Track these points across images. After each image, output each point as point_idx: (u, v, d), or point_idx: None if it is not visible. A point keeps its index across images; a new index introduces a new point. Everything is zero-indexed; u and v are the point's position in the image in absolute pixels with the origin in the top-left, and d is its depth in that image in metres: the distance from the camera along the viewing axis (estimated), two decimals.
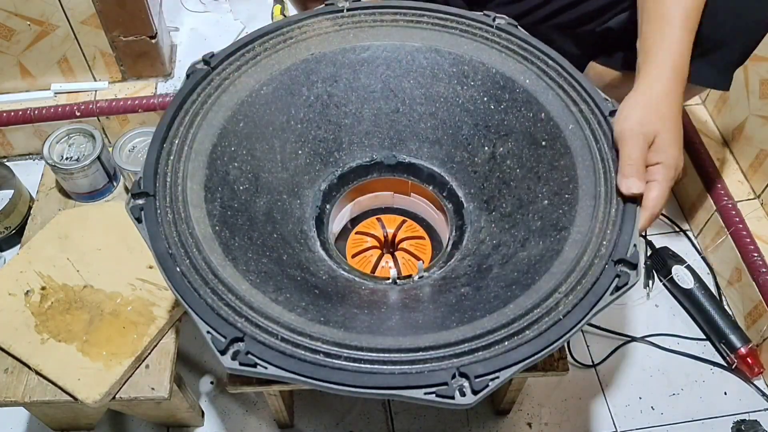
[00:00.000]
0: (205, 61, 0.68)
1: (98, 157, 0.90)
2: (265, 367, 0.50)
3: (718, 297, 1.02)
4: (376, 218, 0.82)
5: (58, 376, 0.72)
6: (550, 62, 0.69)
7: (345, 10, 0.74)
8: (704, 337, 1.00)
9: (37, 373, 0.73)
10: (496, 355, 0.51)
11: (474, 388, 0.49)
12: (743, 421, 0.91)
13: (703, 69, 0.74)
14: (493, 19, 0.73)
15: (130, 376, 0.74)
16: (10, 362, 0.75)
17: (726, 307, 1.01)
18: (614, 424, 0.92)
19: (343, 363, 0.50)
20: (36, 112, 1.13)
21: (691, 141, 1.10)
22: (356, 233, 0.81)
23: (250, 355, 0.50)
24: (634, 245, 0.56)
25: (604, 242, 0.57)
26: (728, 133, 1.08)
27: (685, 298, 1.01)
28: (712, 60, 0.74)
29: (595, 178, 0.61)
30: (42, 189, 0.94)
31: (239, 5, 1.32)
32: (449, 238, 0.74)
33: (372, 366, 0.50)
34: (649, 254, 1.07)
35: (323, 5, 0.75)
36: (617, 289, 0.54)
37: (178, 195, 0.59)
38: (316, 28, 0.73)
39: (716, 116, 1.09)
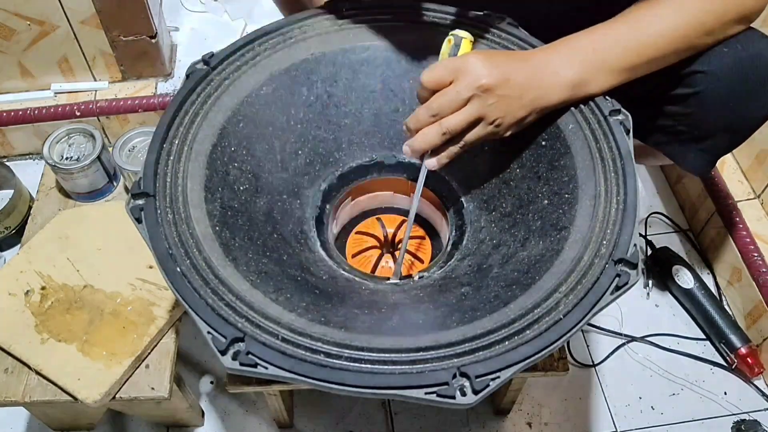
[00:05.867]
0: (205, 61, 0.68)
1: (98, 157, 0.90)
2: (266, 367, 0.50)
3: (718, 297, 1.02)
4: (376, 218, 0.83)
5: (58, 376, 0.72)
6: None
7: (345, 10, 0.74)
8: (704, 337, 1.00)
9: (37, 373, 0.73)
10: (497, 355, 0.51)
11: (475, 388, 0.49)
12: (743, 421, 0.91)
13: (689, 154, 0.74)
14: (493, 19, 0.73)
15: (130, 376, 0.74)
16: (10, 362, 0.75)
17: (726, 307, 1.01)
18: (614, 424, 0.92)
19: (344, 363, 0.50)
20: (36, 112, 1.13)
21: None
22: (356, 233, 0.81)
23: (250, 355, 0.50)
24: (634, 245, 0.56)
25: (604, 242, 0.57)
26: None
27: (685, 298, 1.01)
28: (701, 147, 0.73)
29: (595, 178, 0.61)
30: (42, 189, 0.94)
31: (234, 4, 1.32)
32: (449, 238, 0.74)
33: (373, 366, 0.50)
34: (649, 254, 1.07)
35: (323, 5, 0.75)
36: (617, 288, 0.54)
37: (178, 195, 0.59)
38: (316, 28, 0.73)
39: None
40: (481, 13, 0.74)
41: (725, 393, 0.95)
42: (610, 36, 0.64)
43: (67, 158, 0.91)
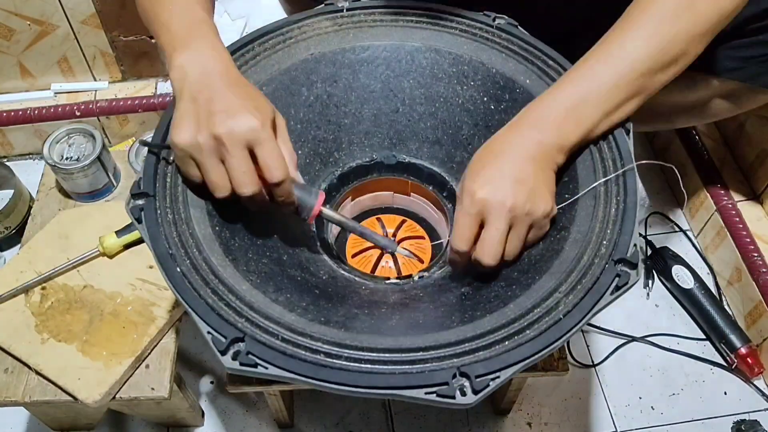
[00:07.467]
0: None
1: (98, 157, 0.90)
2: (266, 368, 0.50)
3: (718, 297, 1.02)
4: (376, 218, 0.82)
5: (58, 376, 0.72)
6: (550, 62, 0.69)
7: (345, 10, 0.74)
8: (704, 337, 1.00)
9: (37, 373, 0.73)
10: (497, 355, 0.51)
11: (475, 388, 0.49)
12: (743, 421, 0.91)
13: None
14: (493, 19, 0.73)
15: (130, 376, 0.74)
16: (10, 362, 0.75)
17: (726, 307, 1.01)
18: (614, 424, 0.92)
19: (344, 363, 0.50)
20: (36, 112, 1.13)
21: (692, 140, 1.10)
22: None
23: (250, 356, 0.50)
24: (634, 245, 0.56)
25: (604, 242, 0.57)
26: (728, 133, 1.08)
27: (685, 298, 1.01)
28: None
29: (595, 178, 0.61)
30: (42, 189, 0.94)
31: (234, 4, 1.32)
32: (449, 238, 0.74)
33: (372, 366, 0.50)
34: (649, 254, 1.07)
35: (323, 5, 0.75)
36: (617, 288, 0.54)
37: (178, 195, 0.59)
38: (316, 28, 0.73)
39: None
40: (481, 12, 0.74)
41: (725, 393, 0.95)
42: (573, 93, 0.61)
43: (67, 158, 0.91)
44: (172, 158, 0.60)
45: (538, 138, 0.59)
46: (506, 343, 0.52)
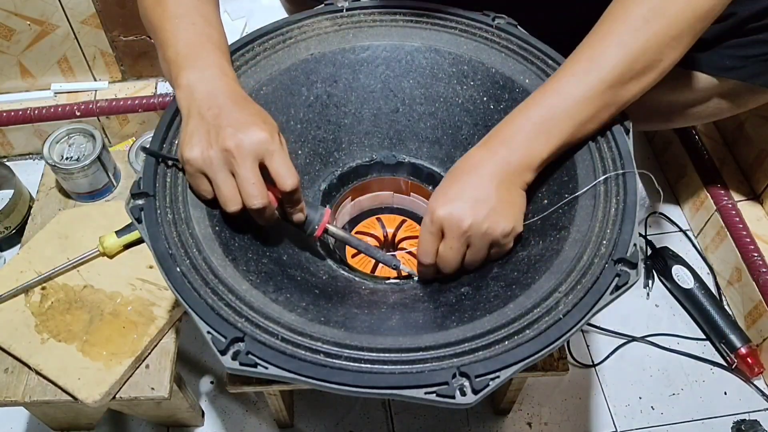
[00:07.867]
0: None
1: (98, 157, 0.90)
2: (266, 367, 0.50)
3: (718, 297, 1.02)
4: (376, 218, 0.83)
5: (58, 376, 0.72)
6: (550, 62, 0.69)
7: (344, 10, 0.74)
8: (704, 337, 1.00)
9: (37, 373, 0.73)
10: (497, 355, 0.51)
11: (474, 388, 0.49)
12: (743, 421, 0.91)
13: None
14: (493, 19, 0.73)
15: (130, 376, 0.74)
16: (10, 362, 0.75)
17: (726, 307, 1.01)
18: (614, 424, 0.92)
19: (344, 363, 0.50)
20: (36, 112, 1.13)
21: (692, 140, 1.10)
22: (356, 233, 0.81)
23: (250, 355, 0.50)
24: (634, 245, 0.56)
25: (604, 241, 0.57)
26: (728, 133, 1.08)
27: (685, 298, 1.01)
28: None
29: (595, 177, 0.61)
30: (42, 189, 0.94)
31: (234, 4, 1.32)
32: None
33: (372, 366, 0.50)
34: (649, 254, 1.07)
35: (323, 5, 0.75)
36: (617, 288, 0.54)
37: (178, 195, 0.59)
38: (316, 28, 0.73)
39: None
40: (481, 12, 0.74)
41: (725, 393, 0.95)
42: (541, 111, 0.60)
43: (67, 158, 0.91)
44: (171, 162, 0.61)
45: (506, 157, 0.59)
46: (506, 343, 0.52)
